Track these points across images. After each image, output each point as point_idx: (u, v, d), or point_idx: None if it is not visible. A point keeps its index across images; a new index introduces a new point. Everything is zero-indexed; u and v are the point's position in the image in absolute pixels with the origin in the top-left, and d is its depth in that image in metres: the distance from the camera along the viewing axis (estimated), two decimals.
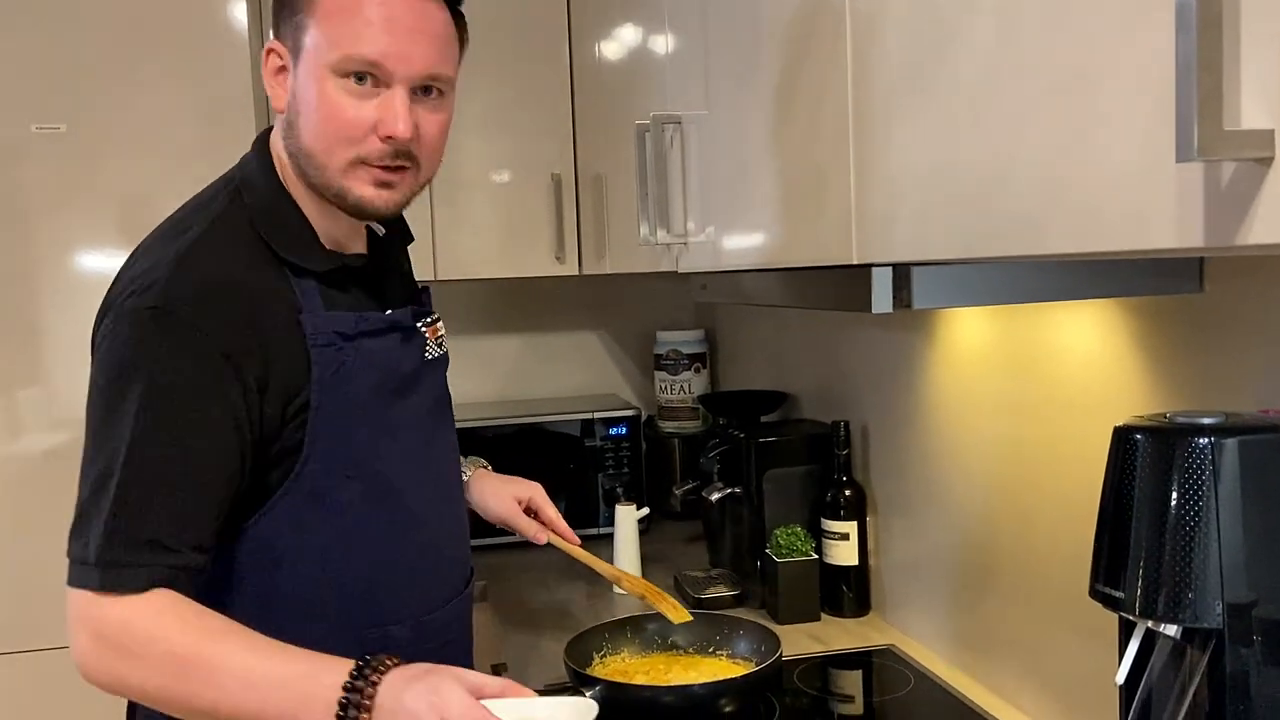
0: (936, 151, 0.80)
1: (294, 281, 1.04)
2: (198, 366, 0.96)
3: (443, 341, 1.22)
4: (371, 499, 1.08)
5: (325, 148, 1.03)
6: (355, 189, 1.04)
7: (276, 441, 1.01)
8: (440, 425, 1.21)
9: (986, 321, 1.39)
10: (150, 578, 0.93)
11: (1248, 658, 0.82)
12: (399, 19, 1.00)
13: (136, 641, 0.92)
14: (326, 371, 1.03)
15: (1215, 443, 0.80)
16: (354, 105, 1.01)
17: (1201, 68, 0.48)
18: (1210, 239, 0.52)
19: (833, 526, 1.73)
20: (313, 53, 1.02)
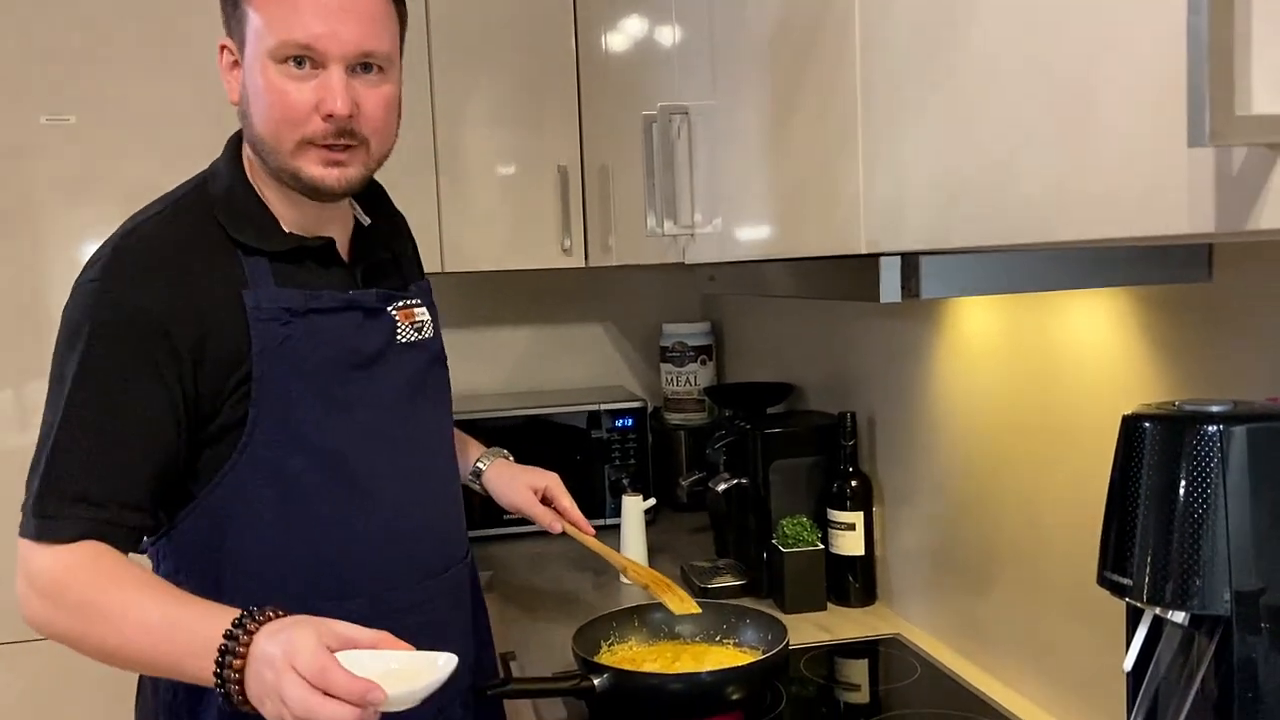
0: (945, 140, 0.80)
1: (244, 261, 1.09)
2: (129, 335, 1.02)
3: (424, 327, 1.25)
4: (321, 472, 1.11)
5: (273, 132, 1.08)
6: (306, 169, 1.09)
7: (222, 413, 1.07)
8: (418, 407, 1.22)
9: (993, 311, 1.39)
10: (78, 530, 1.00)
11: (1255, 645, 0.82)
12: (327, 2, 1.05)
13: (56, 588, 0.99)
14: (269, 344, 1.08)
15: (1224, 430, 0.81)
16: (295, 89, 1.06)
17: (1213, 53, 0.48)
18: (1222, 224, 0.52)
19: (839, 517, 1.73)
20: (254, 42, 1.07)
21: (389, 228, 1.29)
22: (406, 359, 1.21)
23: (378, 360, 1.17)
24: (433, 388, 1.27)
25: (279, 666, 0.87)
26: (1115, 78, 0.60)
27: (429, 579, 1.22)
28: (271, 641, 0.90)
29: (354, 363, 1.14)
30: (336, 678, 0.86)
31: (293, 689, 0.86)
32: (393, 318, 1.20)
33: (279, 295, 1.09)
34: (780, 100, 1.13)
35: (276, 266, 1.11)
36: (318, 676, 0.86)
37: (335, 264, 1.18)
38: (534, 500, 1.47)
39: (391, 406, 1.19)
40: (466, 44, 2.16)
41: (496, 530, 2.21)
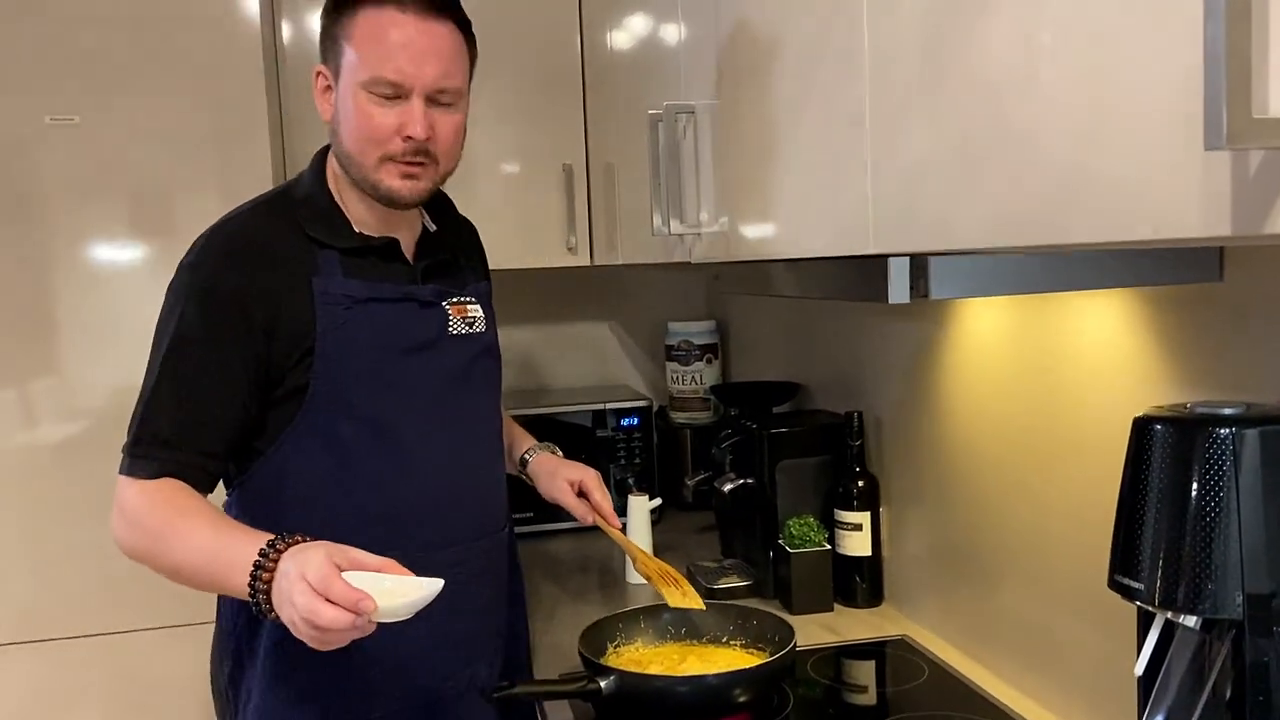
0: (955, 140, 0.79)
1: (317, 254, 1.26)
2: (215, 308, 1.21)
3: (475, 322, 1.39)
4: (370, 438, 1.27)
5: (360, 149, 1.25)
6: (386, 181, 1.26)
7: (288, 378, 1.23)
8: (464, 390, 1.36)
9: (1002, 311, 1.38)
10: (160, 468, 1.18)
11: (1268, 648, 0.82)
12: (413, 42, 1.22)
13: (137, 514, 1.17)
14: (331, 325, 1.24)
15: (1236, 433, 0.80)
16: (381, 114, 1.23)
17: (1230, 55, 0.47)
18: (1238, 227, 0.51)
19: (846, 517, 1.73)
20: (348, 73, 1.24)
21: (453, 234, 1.45)
22: (457, 348, 1.36)
23: (430, 347, 1.32)
24: (480, 375, 1.40)
25: (293, 577, 1.01)
26: (1130, 80, 0.59)
27: (463, 544, 1.35)
28: (292, 559, 1.04)
29: (406, 347, 1.29)
30: (335, 586, 1.00)
31: (300, 595, 1.00)
32: (446, 311, 1.35)
33: (344, 284, 1.26)
34: (787, 99, 1.12)
35: (345, 260, 1.27)
36: (321, 585, 0.99)
37: (399, 261, 1.33)
38: (570, 492, 1.57)
39: (439, 387, 1.33)
40: None
41: None
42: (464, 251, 1.47)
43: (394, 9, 1.22)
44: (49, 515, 1.92)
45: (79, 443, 1.92)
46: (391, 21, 1.22)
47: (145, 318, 1.90)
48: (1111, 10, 0.61)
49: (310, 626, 1.00)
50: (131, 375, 1.91)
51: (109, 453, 1.78)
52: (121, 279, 1.93)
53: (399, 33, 1.22)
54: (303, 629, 1.01)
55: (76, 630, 1.94)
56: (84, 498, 1.89)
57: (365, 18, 1.23)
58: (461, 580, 1.31)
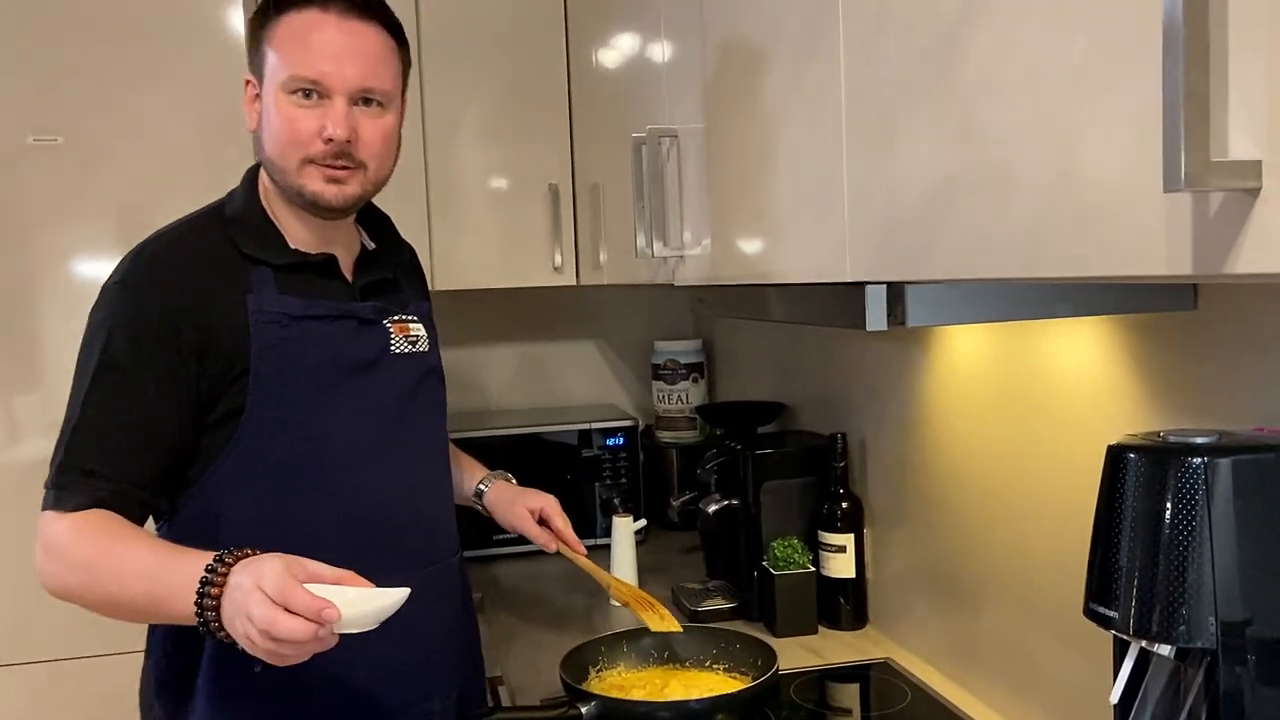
0: (930, 173, 0.80)
1: (251, 271, 1.22)
2: (142, 330, 1.16)
3: (418, 341, 1.35)
4: (307, 463, 1.21)
5: (280, 152, 1.21)
6: (309, 185, 1.21)
7: (222, 401, 1.18)
8: (407, 412, 1.32)
9: (983, 336, 1.39)
10: (88, 498, 1.12)
11: (1242, 676, 0.82)
12: (334, 42, 1.19)
13: (66, 549, 1.11)
14: (266, 344, 1.19)
15: (1209, 463, 0.80)
16: (302, 115, 1.20)
17: (1189, 98, 0.48)
18: (1199, 267, 0.52)
19: (830, 539, 1.73)
20: (270, 77, 1.21)
21: (392, 253, 1.40)
22: (401, 368, 1.31)
23: (371, 367, 1.27)
24: (424, 397, 1.35)
25: (247, 588, 0.96)
26: (1095, 121, 0.60)
27: (411, 571, 1.24)
28: (244, 571, 0.99)
29: (347, 366, 1.25)
30: (296, 595, 0.95)
31: (257, 606, 0.95)
32: (387, 330, 1.30)
33: (279, 301, 1.21)
34: (767, 127, 1.13)
35: (280, 277, 1.23)
36: (279, 594, 0.95)
37: (336, 279, 1.29)
38: (531, 521, 1.54)
39: (381, 409, 1.28)
40: (457, 61, 2.16)
41: (488, 551, 2.20)
42: (404, 271, 1.43)
43: (315, 10, 1.20)
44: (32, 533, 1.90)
45: None
46: (312, 23, 1.19)
47: None
48: (1080, 51, 0.61)
49: (268, 639, 0.94)
50: None
51: None
52: None
53: (319, 33, 1.19)
54: (260, 643, 0.95)
55: (66, 653, 1.92)
56: None
57: (287, 20, 1.20)
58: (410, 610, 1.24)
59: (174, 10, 1.92)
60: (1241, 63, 0.49)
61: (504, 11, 2.18)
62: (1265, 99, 0.48)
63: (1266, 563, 0.81)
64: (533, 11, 2.19)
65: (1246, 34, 0.49)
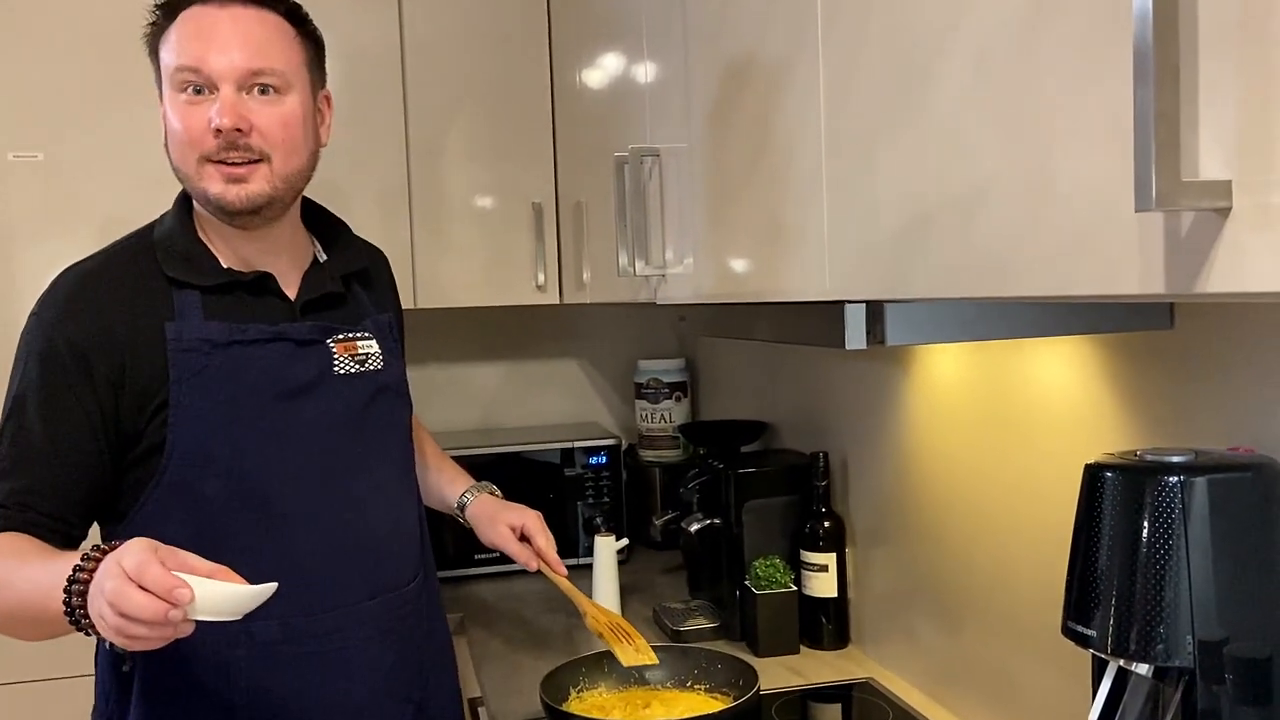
0: (907, 192, 0.80)
1: (175, 295, 1.17)
2: (55, 363, 1.12)
3: (367, 360, 1.28)
4: (235, 498, 1.16)
5: (180, 156, 1.17)
6: (210, 187, 1.15)
7: (143, 437, 1.14)
8: (355, 436, 1.26)
9: (963, 355, 1.39)
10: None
11: (1220, 695, 0.82)
12: (216, 28, 1.15)
13: None
14: (185, 374, 1.15)
15: (1185, 481, 0.81)
16: (192, 113, 1.14)
17: (1159, 118, 0.48)
18: (1171, 286, 0.52)
19: (812, 558, 1.73)
20: (164, 82, 1.18)
21: (347, 263, 1.33)
22: (346, 389, 1.25)
23: (309, 390, 1.22)
24: (375, 418, 1.28)
25: (107, 566, 0.93)
26: (1068, 141, 0.60)
27: (354, 605, 1.23)
28: (112, 555, 0.95)
29: (279, 392, 1.19)
30: (150, 572, 0.89)
31: (111, 580, 0.90)
32: (329, 349, 1.24)
33: (202, 328, 1.16)
34: (748, 147, 1.13)
35: (208, 300, 1.18)
36: (135, 570, 0.90)
37: (272, 296, 1.23)
38: (511, 538, 1.51)
39: (325, 435, 1.22)
40: (441, 80, 2.17)
41: (469, 570, 2.19)
42: (363, 282, 1.36)
43: (197, 5, 1.16)
44: None
45: None
46: (194, 15, 1.16)
47: None
48: (1052, 72, 0.62)
49: (116, 613, 0.89)
50: None
51: None
52: None
53: (201, 22, 1.15)
54: (110, 619, 0.90)
55: (42, 674, 1.90)
56: None
57: (175, 24, 1.17)
58: (355, 643, 1.22)
59: None
60: (1211, 84, 0.50)
61: (487, 31, 2.19)
62: (1234, 119, 0.49)
63: (1243, 582, 0.81)
64: (516, 31, 2.20)
65: (1216, 56, 0.49)
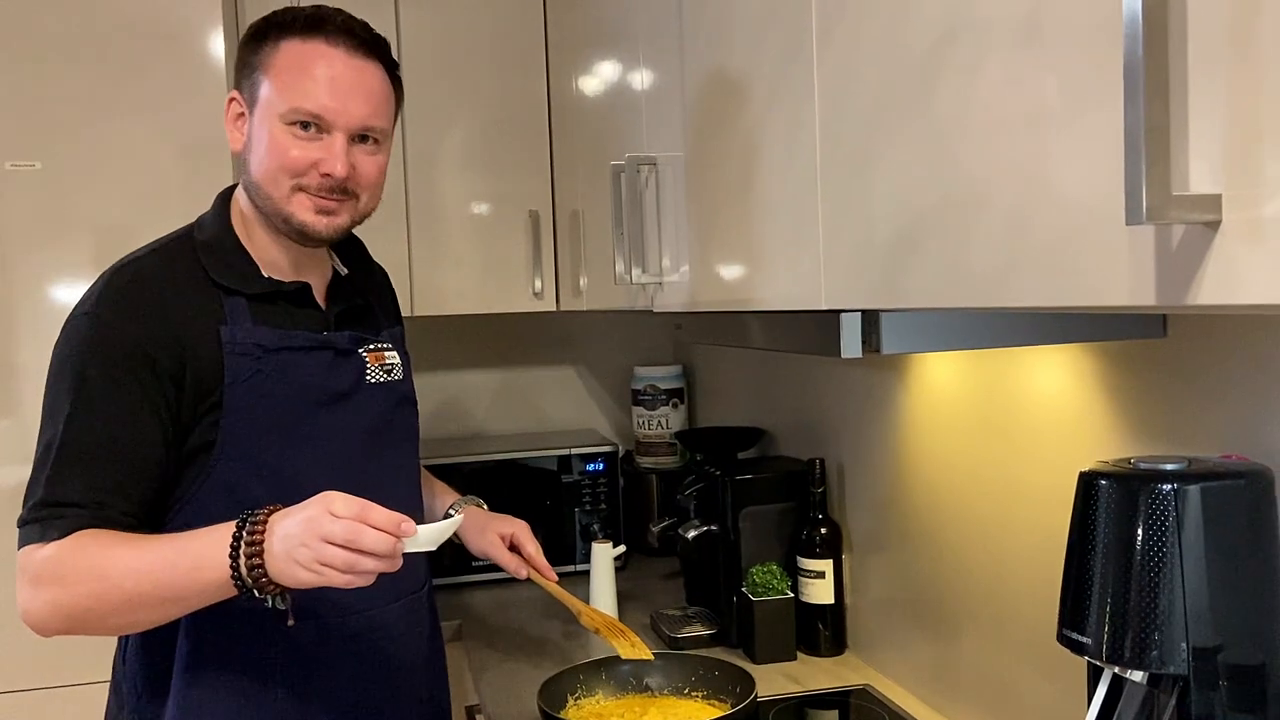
0: (902, 203, 0.81)
1: (224, 300, 1.20)
2: (120, 361, 1.12)
3: (393, 370, 1.33)
4: (278, 498, 1.16)
5: (270, 178, 1.19)
6: (298, 214, 1.20)
7: (195, 432, 1.16)
8: (384, 446, 1.30)
9: (958, 363, 1.40)
10: (76, 525, 1.09)
11: (1215, 701, 0.83)
12: (339, 78, 1.18)
13: (64, 566, 1.07)
14: (240, 376, 1.17)
15: (1178, 489, 0.81)
16: (298, 146, 1.18)
17: (1149, 133, 0.49)
18: (1162, 299, 0.53)
19: (809, 564, 1.73)
20: (265, 104, 1.19)
21: (364, 278, 1.39)
22: (375, 398, 1.29)
23: (346, 398, 1.26)
24: (398, 426, 1.34)
25: (315, 517, 0.99)
26: (1062, 154, 0.61)
27: (381, 606, 1.27)
28: (295, 515, 1.01)
29: (321, 399, 1.23)
30: (374, 511, 0.99)
31: (336, 525, 0.98)
32: (363, 359, 1.29)
33: (254, 332, 1.19)
34: (744, 155, 1.14)
35: (254, 306, 1.21)
36: (359, 512, 0.99)
37: (310, 307, 1.27)
38: (501, 546, 1.52)
39: (355, 441, 1.26)
40: (438, 88, 2.17)
41: (466, 577, 2.19)
42: (376, 295, 1.42)
43: (321, 42, 1.18)
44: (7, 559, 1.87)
45: None
46: (318, 54, 1.17)
47: None
48: (1045, 86, 0.63)
49: (350, 552, 0.98)
50: None
51: None
52: None
53: (326, 67, 1.17)
54: (340, 560, 0.98)
55: (36, 683, 1.89)
56: None
57: (290, 48, 1.18)
58: (380, 644, 1.26)
59: (153, 35, 1.93)
60: (1200, 99, 0.50)
61: (485, 39, 2.20)
62: (1224, 134, 0.49)
63: (1237, 589, 0.82)
64: (513, 39, 2.21)
65: (1205, 71, 0.50)
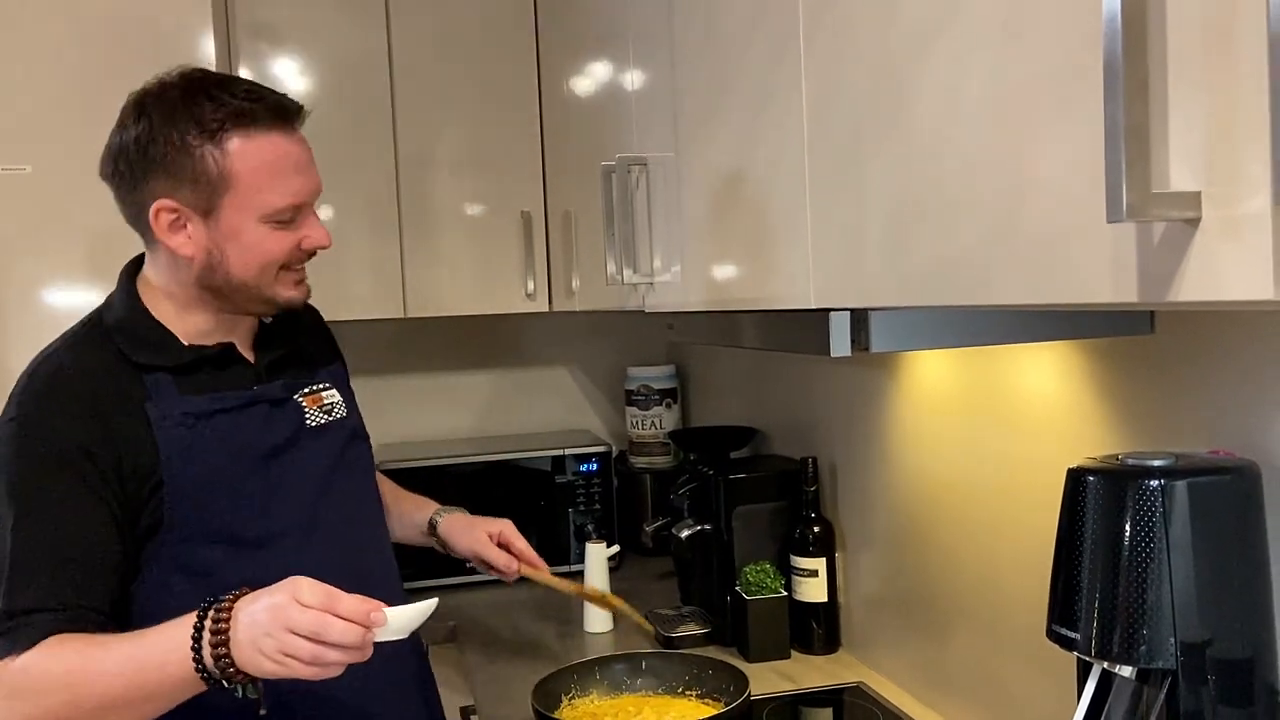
0: (888, 202, 0.81)
1: (145, 378, 1.17)
2: (52, 461, 1.10)
3: (334, 409, 1.31)
4: (237, 560, 1.17)
5: (257, 274, 1.19)
6: (284, 293, 1.22)
7: (143, 515, 1.14)
8: (335, 484, 1.28)
9: (948, 360, 1.40)
10: (46, 631, 1.05)
11: (1203, 696, 0.83)
12: (299, 160, 1.20)
13: (35, 679, 1.04)
14: (175, 449, 1.15)
15: (1165, 485, 0.82)
16: (282, 238, 1.19)
17: (1129, 132, 0.49)
18: (1144, 296, 0.53)
19: (802, 563, 1.73)
20: (236, 211, 1.16)
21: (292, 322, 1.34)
22: (320, 442, 1.28)
23: (288, 447, 1.24)
24: (350, 464, 1.32)
25: (282, 605, 0.97)
26: (1043, 152, 0.61)
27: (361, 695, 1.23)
28: (261, 601, 0.99)
29: (263, 453, 1.21)
30: (342, 600, 0.97)
31: (302, 615, 0.96)
32: (300, 405, 1.27)
33: (181, 403, 1.17)
34: (734, 155, 1.14)
35: (179, 379, 1.19)
36: (325, 602, 0.97)
37: (238, 364, 1.25)
38: (489, 544, 1.51)
39: (308, 487, 1.25)
40: (429, 90, 2.17)
41: (460, 579, 2.18)
42: (309, 337, 1.39)
43: (273, 133, 1.17)
44: None
45: None
46: (276, 147, 1.17)
47: None
48: (1027, 86, 0.63)
49: (317, 644, 0.96)
50: None
51: None
52: None
53: (288, 157, 1.18)
54: (304, 653, 0.96)
55: None
56: None
57: (247, 148, 1.15)
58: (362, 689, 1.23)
59: (143, 38, 1.92)
60: (1180, 97, 0.51)
61: (475, 41, 2.20)
62: (1203, 132, 0.50)
63: (1224, 584, 0.82)
64: (504, 41, 2.21)
65: (1184, 69, 0.50)
